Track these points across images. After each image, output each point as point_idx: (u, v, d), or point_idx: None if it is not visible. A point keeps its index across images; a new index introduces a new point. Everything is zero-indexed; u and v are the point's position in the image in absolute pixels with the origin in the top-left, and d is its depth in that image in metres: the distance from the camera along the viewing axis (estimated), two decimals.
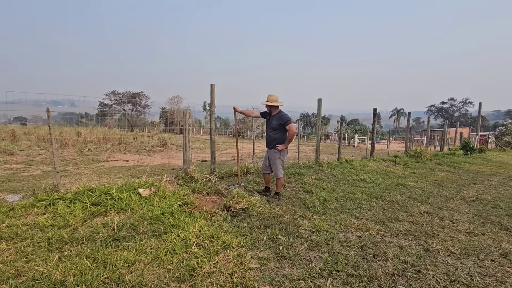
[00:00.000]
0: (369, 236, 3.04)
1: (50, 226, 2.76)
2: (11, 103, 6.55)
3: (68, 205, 3.18)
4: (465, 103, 67.27)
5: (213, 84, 5.25)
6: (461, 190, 5.58)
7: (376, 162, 8.55)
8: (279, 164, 4.27)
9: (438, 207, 4.29)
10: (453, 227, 3.43)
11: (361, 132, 40.21)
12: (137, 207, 3.36)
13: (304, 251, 2.63)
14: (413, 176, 6.86)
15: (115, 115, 46.94)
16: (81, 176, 5.89)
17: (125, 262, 2.21)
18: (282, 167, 4.32)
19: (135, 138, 16.35)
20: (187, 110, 4.89)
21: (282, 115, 4.23)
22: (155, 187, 3.92)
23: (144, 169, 6.66)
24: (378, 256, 2.59)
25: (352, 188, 5.15)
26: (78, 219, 2.93)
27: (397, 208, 4.11)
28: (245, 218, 3.39)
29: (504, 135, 23.75)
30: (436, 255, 2.67)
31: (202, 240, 2.63)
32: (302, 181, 5.40)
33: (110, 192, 3.46)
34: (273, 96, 4.22)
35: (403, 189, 5.42)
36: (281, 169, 4.31)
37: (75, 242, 2.51)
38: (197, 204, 3.66)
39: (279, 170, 4.28)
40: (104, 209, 3.21)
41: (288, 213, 3.66)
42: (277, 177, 4.30)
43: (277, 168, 4.27)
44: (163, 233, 2.77)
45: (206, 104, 51.79)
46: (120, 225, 2.88)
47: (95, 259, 2.24)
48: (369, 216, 3.68)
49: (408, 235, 3.13)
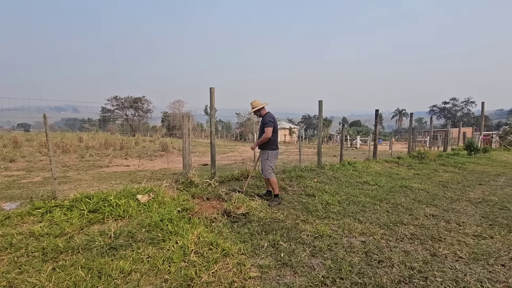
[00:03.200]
0: (374, 241, 2.95)
1: (46, 235, 2.69)
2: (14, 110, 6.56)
3: (65, 213, 3.12)
4: (468, 103, 66.89)
5: (212, 87, 5.21)
6: (467, 192, 5.46)
7: (379, 163, 8.44)
8: (267, 165, 4.21)
9: (443, 210, 4.18)
10: (460, 230, 3.33)
11: (363, 133, 40.07)
12: (136, 214, 3.29)
13: (306, 257, 2.54)
14: (417, 178, 6.74)
15: (117, 120, 47.17)
16: (81, 182, 5.85)
17: (121, 272, 2.14)
18: (271, 168, 4.24)
19: (137, 143, 16.35)
20: (187, 114, 4.84)
21: (265, 117, 4.20)
22: (154, 192, 3.85)
23: (145, 174, 6.61)
24: (384, 262, 2.50)
25: (355, 191, 5.05)
26: (74, 227, 2.87)
27: (401, 211, 4.01)
28: (245, 224, 3.31)
29: (508, 134, 23.51)
30: (444, 260, 2.57)
31: (201, 248, 2.55)
32: (304, 184, 5.31)
33: (108, 199, 3.40)
34: (255, 102, 4.26)
35: (407, 191, 5.31)
36: (270, 170, 4.22)
37: (70, 252, 2.45)
38: (196, 210, 3.59)
39: (267, 171, 4.22)
40: (101, 216, 3.15)
41: (290, 217, 3.58)
42: (265, 177, 4.27)
43: (265, 168, 4.23)
44: (161, 240, 2.70)
45: (208, 107, 51.73)
46: (117, 233, 2.81)
47: (90, 269, 2.17)
48: (373, 220, 3.59)
49: (414, 239, 3.03)
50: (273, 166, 4.28)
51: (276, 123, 4.21)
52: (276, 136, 4.26)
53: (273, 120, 4.14)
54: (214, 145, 5.36)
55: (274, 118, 4.20)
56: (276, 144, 4.27)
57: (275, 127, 4.19)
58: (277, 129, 4.28)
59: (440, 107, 70.63)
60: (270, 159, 4.22)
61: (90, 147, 12.81)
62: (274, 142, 4.24)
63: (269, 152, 4.22)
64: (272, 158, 4.24)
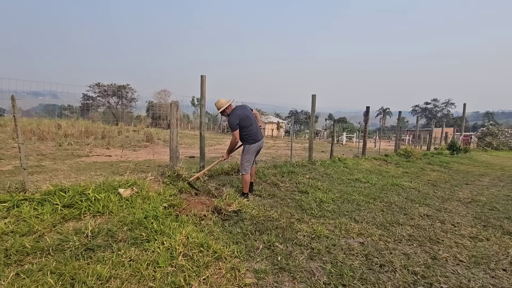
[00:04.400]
0: (372, 243, 2.82)
1: (11, 233, 2.36)
2: None
3: (35, 207, 2.78)
4: (448, 104, 69.43)
5: (203, 75, 4.89)
6: (456, 191, 5.50)
7: (368, 161, 8.45)
8: (244, 159, 3.95)
9: (436, 209, 4.14)
10: (456, 232, 3.27)
11: (349, 130, 40.65)
12: (117, 210, 2.99)
13: (304, 261, 2.36)
14: (406, 176, 6.76)
15: (99, 108, 45.30)
16: (57, 172, 5.40)
17: (98, 279, 1.87)
18: (248, 163, 3.94)
19: (120, 132, 15.63)
20: (175, 102, 4.52)
21: (230, 118, 3.87)
22: (137, 186, 3.55)
23: (128, 165, 6.23)
24: (385, 266, 2.36)
25: (348, 188, 4.94)
26: (45, 224, 2.54)
27: (396, 210, 3.93)
28: (237, 222, 3.09)
29: (486, 136, 24.56)
30: (445, 264, 2.48)
31: (190, 250, 2.31)
32: (296, 181, 5.15)
33: (86, 192, 3.07)
34: (218, 102, 3.93)
35: (399, 189, 5.27)
36: (246, 165, 3.93)
37: (39, 253, 2.14)
38: (184, 206, 3.33)
39: (243, 165, 3.95)
40: (78, 212, 2.83)
41: (284, 216, 3.39)
42: (240, 172, 4.02)
43: (241, 161, 3.98)
44: (145, 241, 2.43)
45: (195, 99, 50.94)
46: (95, 231, 2.52)
47: (62, 275, 1.88)
48: (369, 220, 3.47)
49: (412, 241, 2.93)
50: (250, 161, 3.98)
51: (246, 115, 3.85)
52: (252, 128, 3.91)
53: (238, 119, 3.79)
54: (203, 137, 5.07)
55: (241, 114, 3.84)
56: (254, 137, 3.94)
57: (245, 121, 3.84)
58: (250, 121, 3.91)
59: (422, 107, 72.92)
60: (248, 152, 3.95)
61: (69, 135, 12.06)
62: (251, 135, 3.92)
63: (246, 145, 3.97)
64: (251, 151, 3.96)
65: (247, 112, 3.95)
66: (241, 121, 3.81)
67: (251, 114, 4.01)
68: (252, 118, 3.98)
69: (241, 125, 3.82)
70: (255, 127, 3.99)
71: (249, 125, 3.89)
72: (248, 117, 3.90)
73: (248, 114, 3.93)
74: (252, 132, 3.93)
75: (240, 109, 3.93)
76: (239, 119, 3.80)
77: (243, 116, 3.84)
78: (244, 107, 4.07)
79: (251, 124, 3.92)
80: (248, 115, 3.91)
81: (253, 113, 4.06)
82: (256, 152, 4.06)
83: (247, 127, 3.88)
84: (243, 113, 3.88)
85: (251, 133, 3.92)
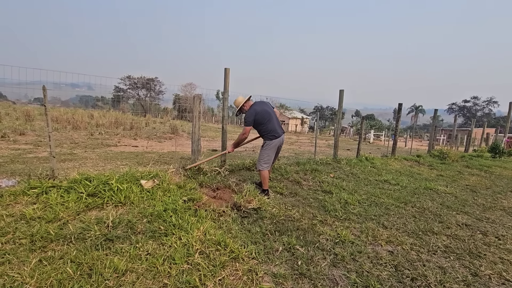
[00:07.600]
0: (403, 252, 2.58)
1: (38, 219, 2.44)
2: (31, 83, 6.49)
3: (62, 195, 2.86)
4: (490, 103, 63.90)
5: (227, 67, 4.79)
6: (499, 199, 4.97)
7: (398, 161, 7.94)
8: (263, 154, 3.82)
9: (477, 219, 3.74)
10: (500, 245, 2.91)
11: (377, 128, 38.89)
12: (138, 201, 3.01)
13: (327, 267, 2.20)
14: (441, 179, 6.24)
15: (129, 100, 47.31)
16: (87, 160, 5.64)
17: (114, 271, 1.86)
18: (267, 159, 3.81)
19: (147, 124, 16.18)
20: (198, 95, 4.47)
21: (246, 114, 3.83)
22: (159, 178, 3.56)
23: (152, 156, 6.37)
24: (418, 280, 2.13)
25: (375, 190, 4.64)
26: (70, 211, 2.61)
27: (430, 217, 3.60)
28: (257, 220, 2.98)
29: None
30: (488, 283, 2.20)
31: (207, 248, 2.24)
32: (320, 179, 4.93)
33: (109, 182, 3.12)
34: (236, 101, 3.94)
35: (433, 194, 4.86)
36: (264, 160, 3.80)
37: (62, 241, 2.18)
38: (204, 201, 3.28)
39: (260, 161, 3.83)
40: (101, 201, 2.88)
41: (306, 216, 3.23)
42: (257, 168, 3.91)
43: (260, 157, 3.87)
44: (163, 234, 2.41)
45: (219, 92, 51.56)
46: (116, 222, 2.54)
47: (80, 264, 1.89)
48: (399, 226, 3.20)
49: (449, 253, 2.64)
50: (271, 157, 3.85)
51: (264, 110, 3.76)
52: (271, 123, 3.80)
53: (254, 114, 3.71)
54: (225, 131, 5.01)
55: (258, 109, 3.75)
56: (273, 133, 3.79)
57: (264, 115, 3.74)
58: (270, 115, 3.80)
59: (460, 105, 67.83)
60: (267, 147, 3.82)
61: (100, 125, 12.69)
62: (270, 130, 3.78)
63: (266, 141, 3.83)
64: (271, 147, 3.81)
65: (265, 107, 3.87)
66: (259, 116, 3.74)
67: (271, 109, 3.94)
68: (272, 113, 3.90)
69: (259, 120, 3.76)
70: (275, 122, 3.88)
71: (268, 120, 3.79)
72: (267, 112, 3.81)
73: (266, 109, 3.85)
74: (272, 127, 3.81)
75: (258, 105, 3.86)
76: (255, 114, 3.73)
77: (261, 111, 3.77)
78: (263, 102, 4.01)
79: (270, 119, 3.82)
80: (267, 109, 3.83)
81: (273, 110, 3.99)
82: (277, 148, 3.92)
83: (266, 121, 3.79)
84: (261, 108, 3.81)
85: (271, 128, 3.80)
